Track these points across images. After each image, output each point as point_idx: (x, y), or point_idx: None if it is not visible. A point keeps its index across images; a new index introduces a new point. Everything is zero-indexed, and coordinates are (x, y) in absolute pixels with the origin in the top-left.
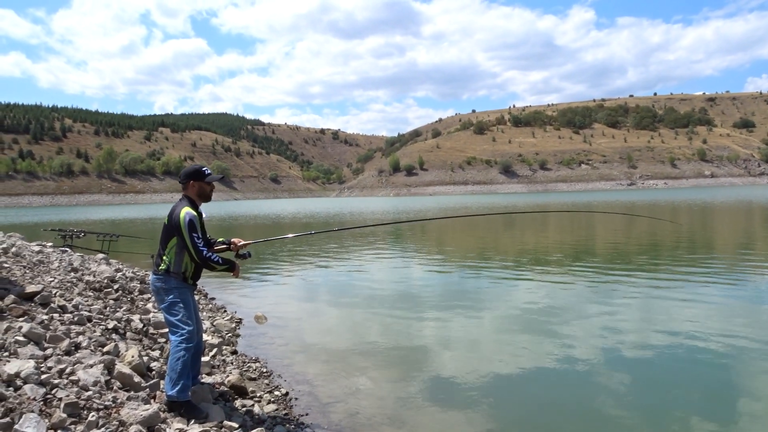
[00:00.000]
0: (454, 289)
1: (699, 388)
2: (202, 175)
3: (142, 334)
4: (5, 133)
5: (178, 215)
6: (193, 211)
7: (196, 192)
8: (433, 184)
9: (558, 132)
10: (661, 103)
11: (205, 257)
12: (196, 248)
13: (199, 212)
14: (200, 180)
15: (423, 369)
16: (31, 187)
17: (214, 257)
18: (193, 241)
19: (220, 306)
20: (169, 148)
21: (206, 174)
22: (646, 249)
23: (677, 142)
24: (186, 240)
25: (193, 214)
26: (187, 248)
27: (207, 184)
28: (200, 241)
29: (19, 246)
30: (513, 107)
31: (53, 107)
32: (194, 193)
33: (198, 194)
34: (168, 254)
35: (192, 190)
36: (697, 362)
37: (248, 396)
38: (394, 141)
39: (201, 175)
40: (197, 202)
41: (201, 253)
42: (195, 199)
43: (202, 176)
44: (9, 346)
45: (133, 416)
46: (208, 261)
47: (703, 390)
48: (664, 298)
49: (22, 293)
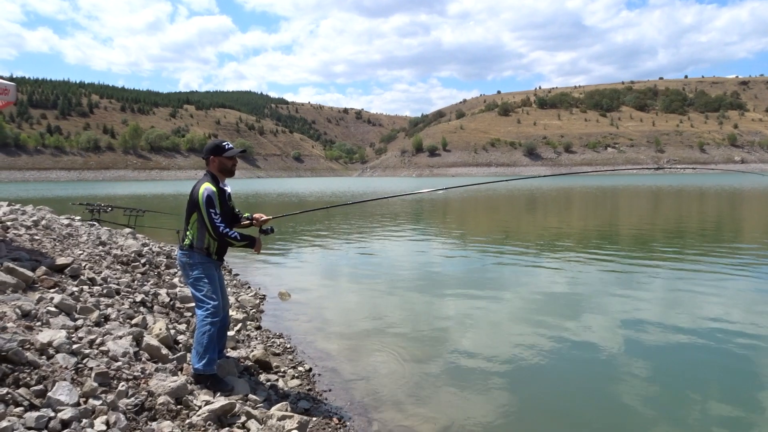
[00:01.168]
0: (475, 271)
1: (721, 379)
2: (221, 149)
3: (168, 307)
4: (34, 109)
5: (198, 191)
6: (212, 187)
7: (217, 167)
8: (455, 166)
9: (584, 114)
10: (692, 86)
11: (222, 233)
12: (213, 224)
13: (221, 188)
14: (220, 155)
15: (444, 349)
16: (58, 162)
17: (231, 233)
18: (211, 216)
19: (244, 282)
20: (193, 126)
21: (226, 148)
22: (671, 235)
23: (707, 126)
24: (204, 216)
25: (212, 189)
26: (204, 224)
27: (228, 159)
28: (217, 217)
29: (48, 219)
30: (539, 89)
31: (80, 83)
32: (216, 169)
33: (219, 169)
34: (191, 230)
35: (213, 165)
36: (721, 352)
37: (272, 371)
38: (417, 121)
39: (221, 150)
40: (219, 178)
41: (218, 228)
42: (217, 174)
43: (222, 151)
44: (41, 316)
45: (162, 387)
46: (225, 236)
47: (725, 381)
48: (689, 286)
49: (53, 265)
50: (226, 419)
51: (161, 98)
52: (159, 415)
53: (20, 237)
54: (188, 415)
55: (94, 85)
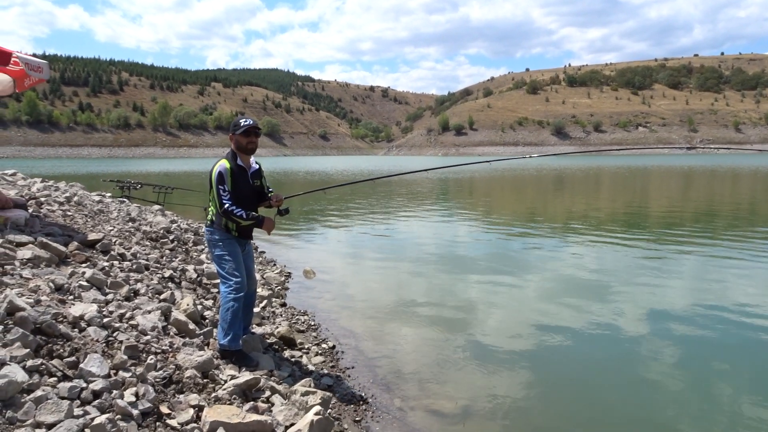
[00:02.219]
0: (501, 251)
1: (751, 369)
2: (237, 127)
3: (196, 283)
4: (66, 86)
5: (213, 169)
6: (226, 165)
7: (235, 145)
8: (482, 145)
9: (615, 93)
10: (728, 64)
11: (227, 210)
12: (220, 200)
13: (239, 165)
14: (236, 132)
15: (467, 329)
16: (90, 139)
17: (237, 211)
18: (219, 193)
19: (270, 260)
20: (221, 103)
21: (240, 125)
22: (703, 217)
23: (743, 105)
24: (214, 192)
25: (225, 167)
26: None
27: (242, 136)
28: (226, 194)
29: (80, 195)
30: (568, 66)
31: (110, 60)
32: (235, 146)
33: (237, 147)
34: (211, 206)
35: (233, 143)
36: (751, 341)
37: (296, 347)
38: (444, 100)
39: (236, 128)
40: (239, 156)
41: (223, 205)
42: (237, 152)
43: (237, 127)
44: (74, 289)
45: (189, 361)
46: (231, 214)
47: (755, 371)
48: (720, 271)
49: (85, 240)
50: (251, 393)
51: (189, 76)
52: (186, 388)
53: (53, 213)
54: (214, 388)
55: (124, 63)
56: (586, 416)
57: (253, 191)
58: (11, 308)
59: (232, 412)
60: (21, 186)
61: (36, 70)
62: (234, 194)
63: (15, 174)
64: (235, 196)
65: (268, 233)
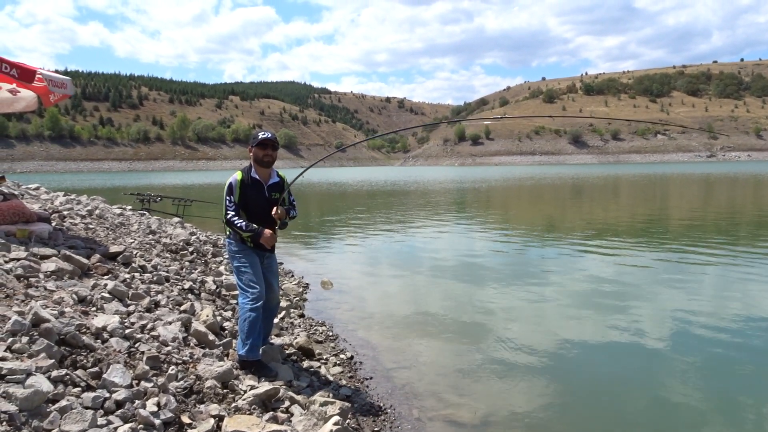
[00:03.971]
0: (519, 260)
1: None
2: (254, 140)
3: (215, 295)
4: (87, 101)
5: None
6: (238, 177)
7: (253, 157)
8: (499, 154)
9: (633, 101)
10: (748, 70)
11: (229, 220)
12: (225, 209)
13: (253, 177)
14: (253, 145)
15: (485, 340)
16: (110, 153)
17: (237, 222)
18: (225, 202)
19: (288, 271)
20: (238, 116)
21: (257, 138)
22: (724, 225)
23: (764, 111)
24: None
25: (237, 179)
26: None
27: (258, 149)
28: (231, 205)
29: (102, 209)
30: (585, 75)
31: (130, 76)
32: (253, 159)
33: (254, 159)
34: None
35: (252, 155)
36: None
37: (315, 358)
38: (460, 110)
39: (253, 140)
40: (255, 168)
41: (226, 214)
42: (254, 164)
43: (254, 141)
44: (96, 301)
45: (209, 371)
46: (232, 224)
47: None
48: (742, 280)
49: (106, 253)
50: (271, 404)
51: (207, 89)
52: (207, 398)
53: (76, 226)
54: (234, 398)
55: (143, 78)
56: (606, 430)
57: (269, 204)
58: (36, 320)
59: (252, 422)
60: (44, 200)
61: (60, 86)
62: (241, 206)
63: (38, 188)
64: (242, 208)
65: (267, 246)
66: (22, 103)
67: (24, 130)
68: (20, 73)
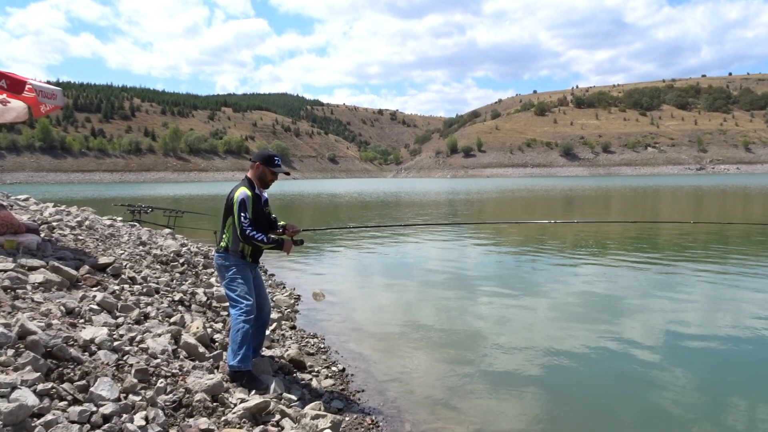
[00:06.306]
0: (510, 272)
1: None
2: (271, 162)
3: (205, 306)
4: (79, 112)
5: (234, 195)
6: (248, 192)
7: (257, 175)
8: (491, 166)
9: (623, 114)
10: (737, 84)
11: (248, 235)
12: (241, 226)
13: (256, 194)
14: (267, 165)
15: (477, 352)
16: (102, 164)
17: (258, 236)
18: (240, 219)
19: (279, 282)
20: (231, 128)
21: (275, 163)
22: (713, 237)
23: (753, 125)
24: (234, 217)
25: (247, 194)
26: (234, 225)
27: (271, 172)
28: (246, 221)
29: (92, 220)
30: (576, 88)
31: (122, 87)
32: (255, 176)
33: (258, 177)
34: (227, 233)
35: (255, 171)
36: (765, 360)
37: (306, 370)
38: (452, 122)
39: (270, 162)
40: (256, 185)
41: (245, 231)
42: (255, 181)
43: (271, 163)
44: (84, 313)
45: (199, 384)
46: (252, 239)
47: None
48: (731, 290)
49: (96, 264)
50: (261, 417)
51: (199, 101)
52: (196, 412)
53: (65, 237)
54: (224, 412)
55: (135, 89)
56: None
57: (266, 218)
58: (23, 332)
59: None
60: (33, 211)
61: (51, 97)
62: (255, 221)
63: (28, 199)
64: (253, 223)
65: (287, 254)
66: (12, 114)
67: (14, 141)
68: (10, 84)
